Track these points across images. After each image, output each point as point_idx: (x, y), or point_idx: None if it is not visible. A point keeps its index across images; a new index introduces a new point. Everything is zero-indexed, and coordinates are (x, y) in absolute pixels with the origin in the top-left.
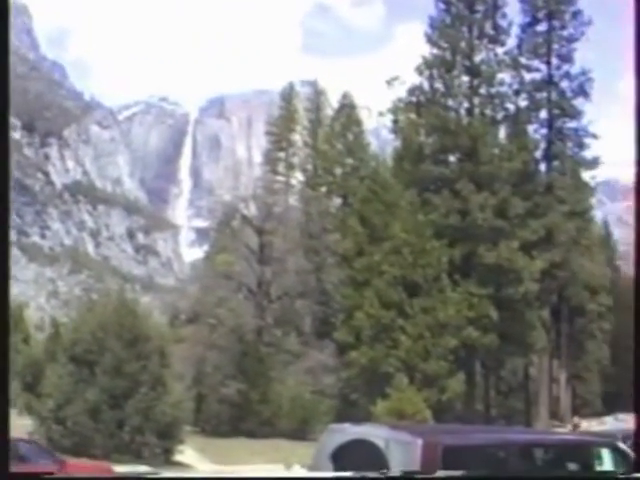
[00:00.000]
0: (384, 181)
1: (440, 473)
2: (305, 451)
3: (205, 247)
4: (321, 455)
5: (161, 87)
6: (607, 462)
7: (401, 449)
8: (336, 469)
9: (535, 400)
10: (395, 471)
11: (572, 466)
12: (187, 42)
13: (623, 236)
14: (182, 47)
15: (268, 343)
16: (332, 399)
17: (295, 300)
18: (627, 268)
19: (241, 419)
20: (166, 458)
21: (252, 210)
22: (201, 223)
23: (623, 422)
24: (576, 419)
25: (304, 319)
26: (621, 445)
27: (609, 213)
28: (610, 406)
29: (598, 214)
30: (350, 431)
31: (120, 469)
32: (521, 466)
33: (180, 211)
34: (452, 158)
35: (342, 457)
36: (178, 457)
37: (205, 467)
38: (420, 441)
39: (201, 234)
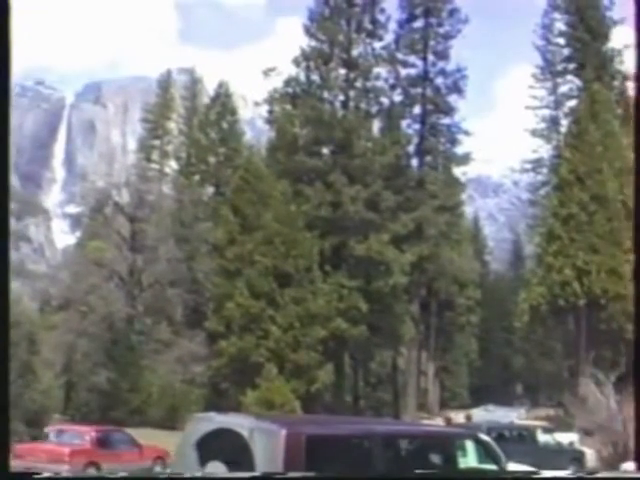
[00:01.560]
0: (257, 171)
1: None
2: (174, 440)
3: (77, 234)
4: (186, 444)
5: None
6: (470, 453)
7: (265, 439)
8: (200, 458)
9: (403, 392)
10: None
11: (435, 457)
12: (65, 26)
13: (492, 232)
14: (60, 31)
15: (139, 331)
16: (202, 388)
17: (166, 289)
18: (495, 263)
19: (111, 407)
20: None
21: (125, 197)
22: (74, 209)
23: (493, 413)
24: (452, 413)
25: (175, 308)
26: (483, 437)
27: (479, 209)
28: (478, 398)
29: (468, 210)
30: (215, 420)
31: None
32: (385, 457)
33: (53, 197)
34: (326, 150)
35: (206, 446)
36: None
37: None
38: (284, 431)
39: (74, 220)
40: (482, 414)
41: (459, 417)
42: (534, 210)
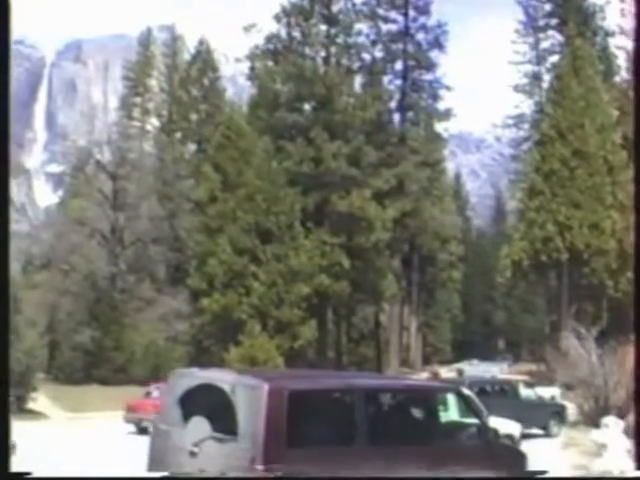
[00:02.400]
0: (239, 128)
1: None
2: None
3: (59, 193)
4: (169, 399)
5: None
6: (452, 407)
7: (247, 393)
8: (183, 413)
9: (386, 348)
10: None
11: (417, 411)
12: None
13: (474, 187)
14: None
15: (121, 290)
16: (185, 346)
17: (148, 246)
18: (477, 219)
19: (94, 366)
20: (19, 406)
21: (106, 155)
22: (55, 168)
23: (477, 367)
24: (435, 367)
25: (157, 265)
26: (465, 391)
27: (461, 165)
28: (460, 353)
29: (450, 165)
30: (197, 375)
31: None
32: (367, 410)
33: (35, 156)
34: (307, 106)
35: (189, 401)
36: (31, 405)
37: (58, 414)
38: (266, 385)
39: (55, 179)
40: (467, 369)
41: (447, 372)
42: (516, 166)
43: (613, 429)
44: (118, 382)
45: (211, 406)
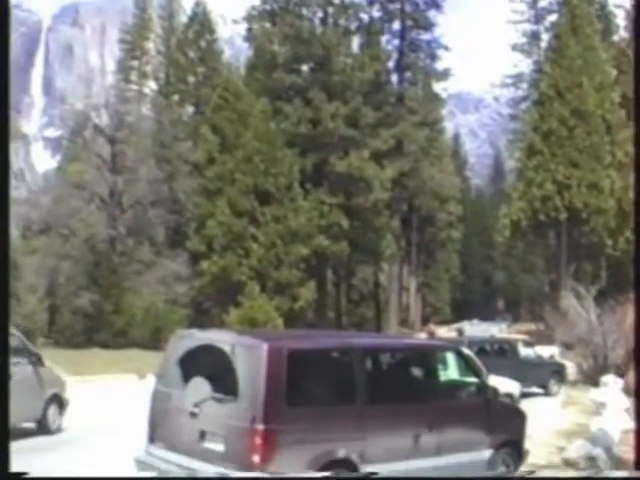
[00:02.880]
0: (236, 89)
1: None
2: (158, 361)
3: (57, 157)
4: (169, 361)
5: None
6: (451, 366)
7: (247, 353)
8: (183, 373)
9: (385, 308)
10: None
11: (416, 370)
12: None
13: (473, 147)
14: None
15: (121, 253)
16: (185, 308)
17: (147, 209)
18: (476, 178)
19: (94, 330)
20: None
21: (104, 119)
22: (53, 133)
23: (477, 327)
24: (431, 326)
25: (156, 228)
26: (465, 350)
27: (460, 125)
28: (459, 313)
29: (449, 125)
30: (197, 336)
31: None
32: (366, 369)
33: (33, 121)
34: (305, 67)
35: (189, 362)
36: None
37: None
38: (265, 345)
39: (53, 144)
40: (466, 328)
41: (447, 331)
42: (515, 125)
43: (612, 388)
44: (118, 345)
45: (211, 367)
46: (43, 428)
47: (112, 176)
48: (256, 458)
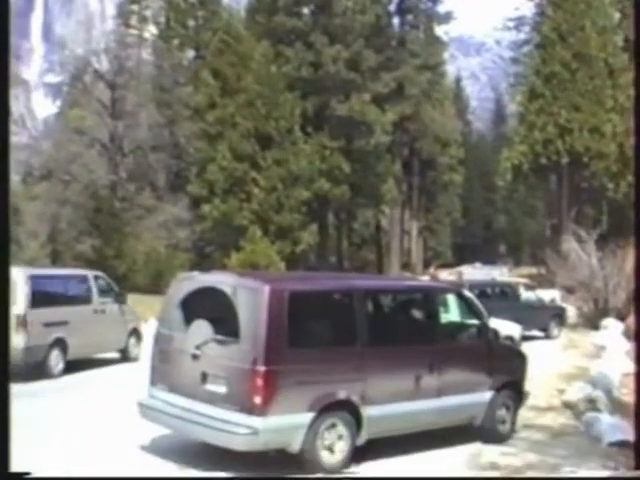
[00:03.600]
0: (237, 33)
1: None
2: (160, 305)
3: (58, 103)
4: (170, 303)
5: None
6: (452, 309)
7: (248, 295)
8: (185, 316)
9: (387, 251)
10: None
11: (417, 312)
12: None
13: (475, 91)
14: None
15: (122, 198)
16: (186, 253)
17: (148, 154)
18: (478, 122)
19: None
20: None
21: (104, 64)
22: (53, 78)
23: (480, 270)
24: (433, 269)
25: (157, 173)
26: (466, 292)
27: (461, 68)
28: (460, 257)
29: (450, 69)
30: (198, 279)
31: None
32: (367, 311)
33: (32, 67)
34: (306, 10)
35: (190, 304)
36: None
37: None
38: (267, 287)
39: (54, 90)
40: (469, 271)
41: (448, 275)
42: (516, 68)
43: (612, 331)
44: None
45: (212, 309)
46: (125, 357)
47: (113, 121)
48: (257, 399)
